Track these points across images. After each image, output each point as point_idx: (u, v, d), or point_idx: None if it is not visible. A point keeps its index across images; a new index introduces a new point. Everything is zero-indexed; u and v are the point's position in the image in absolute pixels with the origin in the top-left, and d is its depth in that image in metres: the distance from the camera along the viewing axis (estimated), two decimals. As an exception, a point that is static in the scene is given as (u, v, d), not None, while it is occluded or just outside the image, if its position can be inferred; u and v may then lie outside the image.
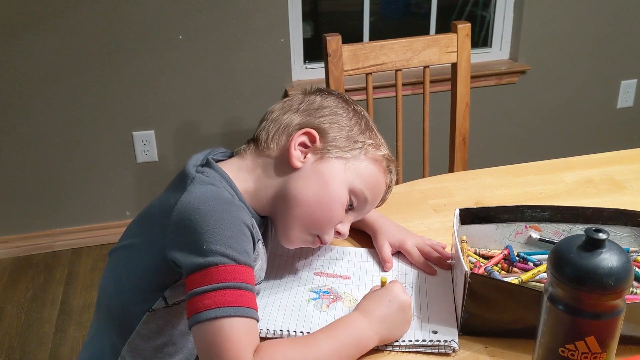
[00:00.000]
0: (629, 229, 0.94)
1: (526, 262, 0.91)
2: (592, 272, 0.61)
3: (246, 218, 0.78)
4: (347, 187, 0.86)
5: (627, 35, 2.70)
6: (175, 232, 0.76)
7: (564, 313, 0.63)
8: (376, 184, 0.90)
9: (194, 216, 0.75)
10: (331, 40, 1.48)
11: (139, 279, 0.82)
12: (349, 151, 0.87)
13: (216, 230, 0.73)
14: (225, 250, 0.72)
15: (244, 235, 0.76)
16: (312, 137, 0.86)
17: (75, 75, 2.21)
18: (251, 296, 0.73)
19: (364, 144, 0.88)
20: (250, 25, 2.27)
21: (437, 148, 2.04)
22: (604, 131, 2.87)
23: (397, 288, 0.81)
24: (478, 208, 0.95)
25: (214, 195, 0.78)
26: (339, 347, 0.74)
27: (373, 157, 0.89)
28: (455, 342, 0.79)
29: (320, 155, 0.86)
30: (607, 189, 1.19)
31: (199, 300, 0.71)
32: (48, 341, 1.93)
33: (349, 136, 0.88)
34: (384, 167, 0.91)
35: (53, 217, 2.39)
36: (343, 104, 0.91)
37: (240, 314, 0.70)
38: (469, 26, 1.59)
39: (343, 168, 0.86)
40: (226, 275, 0.72)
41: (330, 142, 0.87)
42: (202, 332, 0.70)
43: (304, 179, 0.85)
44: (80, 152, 2.31)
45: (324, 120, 0.88)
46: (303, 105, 0.90)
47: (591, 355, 0.64)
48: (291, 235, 0.87)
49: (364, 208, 0.91)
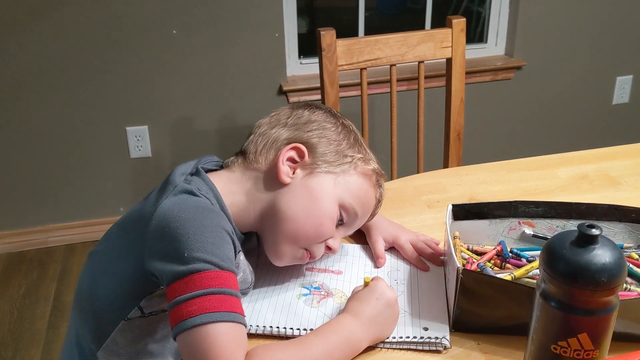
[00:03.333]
0: (623, 225, 0.93)
1: (519, 258, 0.90)
2: (585, 268, 0.60)
3: (227, 226, 0.77)
4: (337, 202, 0.85)
5: (623, 32, 2.70)
6: (155, 241, 0.74)
7: (556, 310, 0.63)
8: (366, 198, 0.89)
9: (173, 224, 0.73)
10: (325, 35, 1.47)
11: (115, 286, 0.81)
12: (338, 166, 0.86)
13: (197, 237, 0.72)
14: (207, 256, 0.71)
15: (225, 242, 0.75)
16: (301, 152, 0.85)
17: (68, 70, 2.19)
18: (236, 301, 0.72)
19: (353, 158, 0.87)
20: (245, 20, 2.25)
21: (431, 144, 2.03)
22: (600, 127, 2.87)
23: (381, 285, 0.80)
24: (471, 204, 0.95)
25: (193, 203, 0.77)
26: (331, 350, 0.73)
27: (363, 171, 0.88)
28: (447, 339, 0.78)
29: (310, 170, 0.85)
30: (601, 185, 1.19)
31: (183, 308, 0.69)
32: (41, 337, 1.92)
33: (338, 150, 0.87)
34: (373, 181, 0.90)
35: (46, 213, 2.37)
36: (331, 118, 0.90)
37: (227, 319, 0.69)
38: (463, 21, 1.58)
39: (333, 183, 0.85)
40: (210, 282, 0.70)
41: (319, 156, 0.86)
42: (189, 339, 0.68)
43: (293, 194, 0.84)
44: (74, 148, 2.30)
45: (313, 134, 0.87)
46: (291, 120, 0.89)
47: (584, 352, 0.63)
48: (280, 251, 0.86)
49: (354, 223, 0.90)
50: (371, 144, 0.98)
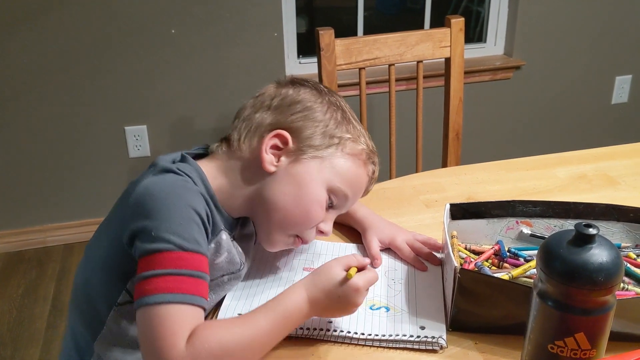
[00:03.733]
0: (621, 224, 0.93)
1: (517, 257, 0.90)
2: (582, 268, 0.60)
3: (199, 205, 0.77)
4: (325, 187, 0.84)
5: (622, 31, 2.70)
6: (131, 217, 0.76)
7: (553, 309, 0.63)
8: (356, 179, 0.87)
9: (147, 201, 0.75)
10: (324, 35, 1.47)
11: (103, 272, 0.82)
12: (324, 149, 0.84)
13: (165, 217, 0.73)
14: (172, 237, 0.72)
15: (193, 222, 0.75)
16: (284, 138, 0.83)
17: (67, 70, 2.19)
18: (198, 283, 0.72)
19: (340, 139, 0.85)
20: (244, 19, 2.25)
21: (430, 143, 2.03)
22: (599, 127, 2.86)
23: (354, 291, 0.76)
24: (469, 203, 0.94)
25: (170, 181, 0.78)
26: (276, 328, 0.74)
27: (351, 152, 0.86)
28: (443, 338, 0.78)
29: (295, 156, 0.84)
30: (600, 185, 1.19)
31: (143, 285, 0.71)
32: (40, 337, 1.92)
33: (324, 132, 0.85)
34: (363, 159, 0.87)
35: (45, 213, 2.37)
36: (318, 96, 0.87)
37: (180, 300, 0.70)
38: (462, 21, 1.58)
39: (319, 167, 0.84)
40: (170, 262, 0.72)
41: (304, 141, 0.84)
42: (141, 317, 0.71)
43: (280, 182, 0.83)
44: (73, 147, 2.30)
45: (297, 117, 0.85)
46: (275, 101, 0.86)
47: (581, 351, 0.63)
48: (273, 239, 0.86)
49: (345, 204, 0.89)
50: (370, 143, 0.97)
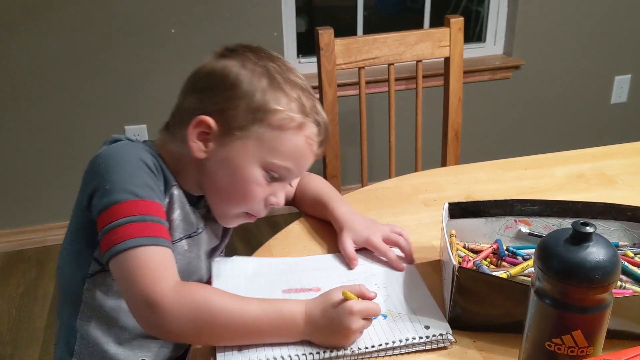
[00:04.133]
0: (619, 223, 0.93)
1: (515, 256, 0.90)
2: (579, 266, 0.61)
3: (148, 159, 0.81)
4: (258, 166, 0.84)
5: (621, 31, 2.70)
6: (85, 180, 0.81)
7: (550, 307, 0.63)
8: (292, 150, 0.84)
9: (98, 163, 0.79)
10: (323, 34, 1.48)
11: (71, 242, 0.86)
12: (250, 127, 0.82)
13: (116, 171, 0.77)
14: (126, 186, 0.75)
15: (143, 172, 0.79)
16: (207, 124, 0.82)
17: (67, 69, 2.19)
18: (159, 227, 0.76)
19: (265, 113, 0.82)
20: (244, 19, 2.25)
21: (429, 143, 2.03)
22: (598, 126, 2.87)
23: (347, 313, 0.74)
24: (467, 202, 0.95)
25: (119, 145, 0.82)
26: (264, 323, 0.74)
27: (279, 123, 0.82)
28: (450, 333, 0.78)
29: (222, 140, 0.83)
30: (598, 184, 1.19)
31: (109, 236, 0.74)
32: (39, 336, 1.93)
33: (247, 109, 0.82)
34: (297, 124, 0.83)
35: (45, 212, 2.37)
36: (242, 67, 0.83)
37: (151, 242, 0.73)
38: (461, 20, 1.58)
39: (248, 147, 0.82)
40: (129, 210, 0.74)
41: (229, 123, 0.82)
42: (117, 265, 0.73)
43: (214, 167, 0.84)
44: (72, 146, 2.30)
45: (220, 99, 0.82)
46: (202, 82, 0.85)
47: (578, 349, 0.63)
48: (222, 217, 0.90)
49: (292, 173, 0.87)
50: (369, 142, 0.97)
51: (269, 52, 0.88)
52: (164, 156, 0.87)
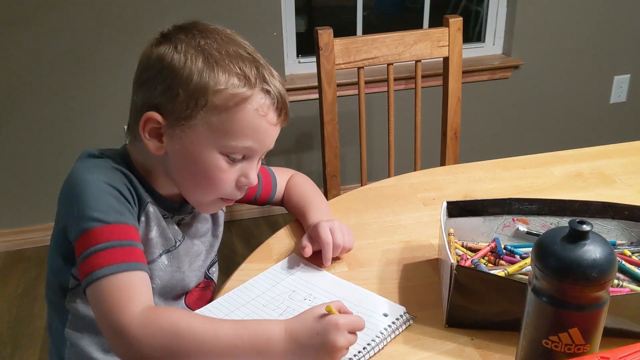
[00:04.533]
0: (616, 222, 0.94)
1: (513, 254, 0.91)
2: (576, 264, 0.61)
3: (116, 181, 0.80)
4: (216, 151, 0.80)
5: (621, 31, 2.70)
6: (59, 201, 0.81)
7: (547, 305, 0.63)
8: (245, 126, 0.79)
9: (67, 188, 0.80)
10: (323, 34, 1.48)
11: (52, 257, 0.86)
12: (195, 115, 0.78)
13: (82, 198, 0.76)
14: (92, 214, 0.75)
15: (110, 195, 0.78)
16: (155, 119, 0.80)
17: (66, 69, 2.19)
18: (129, 251, 0.75)
19: (206, 97, 0.78)
20: (243, 19, 2.26)
21: (428, 143, 2.04)
22: (597, 126, 2.87)
23: (333, 327, 0.72)
24: (466, 201, 0.95)
25: (88, 164, 0.82)
26: (238, 346, 0.71)
27: (223, 103, 0.78)
28: (406, 311, 0.82)
29: (173, 133, 0.80)
30: (596, 183, 1.20)
31: (82, 266, 0.74)
32: (39, 336, 1.93)
33: (188, 95, 0.78)
34: (239, 102, 0.78)
35: (45, 212, 2.38)
36: (175, 50, 0.80)
37: (119, 269, 0.73)
38: (460, 20, 1.59)
39: (199, 135, 0.79)
40: (98, 237, 0.74)
41: (173, 114, 0.79)
42: (90, 294, 0.74)
43: (173, 161, 0.83)
44: (73, 146, 2.30)
45: (161, 90, 0.79)
46: (143, 75, 0.82)
47: (575, 347, 0.64)
48: (199, 205, 0.88)
49: (256, 152, 0.83)
50: (368, 142, 0.98)
51: (204, 26, 0.83)
52: (134, 160, 0.86)
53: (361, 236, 1.02)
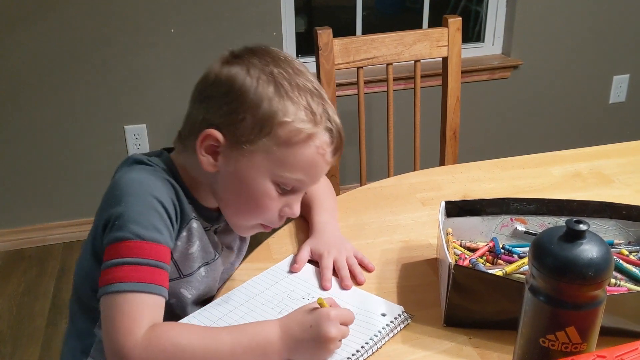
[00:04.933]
0: (614, 221, 0.94)
1: (511, 254, 0.91)
2: (572, 263, 0.61)
3: (163, 195, 0.79)
4: (269, 179, 0.81)
5: (620, 30, 2.71)
6: (102, 203, 0.80)
7: (544, 304, 0.64)
8: (303, 162, 0.81)
9: (114, 191, 0.78)
10: (322, 34, 1.48)
11: (86, 258, 0.85)
12: (258, 141, 0.79)
13: (126, 206, 0.76)
14: (131, 226, 0.74)
15: (154, 211, 0.77)
16: (215, 138, 0.80)
17: (66, 69, 2.20)
18: (155, 272, 0.74)
19: (272, 126, 0.78)
20: (243, 19, 2.26)
21: (428, 142, 2.04)
22: (596, 126, 2.88)
23: (325, 318, 0.74)
24: (464, 201, 0.96)
25: (137, 172, 0.81)
26: (239, 352, 0.72)
27: (287, 136, 0.79)
28: (406, 312, 0.83)
29: (230, 153, 0.80)
30: (594, 183, 1.20)
31: (105, 274, 0.74)
32: (40, 335, 1.93)
33: (255, 121, 0.78)
34: (303, 139, 0.79)
35: (45, 211, 2.38)
36: (247, 73, 0.79)
37: (138, 289, 0.72)
38: (459, 20, 1.59)
39: (257, 161, 0.80)
40: (129, 251, 0.74)
41: (236, 137, 0.79)
42: (103, 304, 0.73)
43: (225, 180, 0.82)
44: (73, 146, 2.31)
45: (226, 110, 0.79)
46: (209, 90, 0.82)
47: (571, 345, 0.64)
48: (235, 226, 0.88)
49: (305, 184, 0.84)
50: (368, 142, 0.98)
51: (276, 54, 0.83)
52: (180, 170, 0.85)
53: (360, 236, 1.03)
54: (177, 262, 0.84)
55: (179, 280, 0.85)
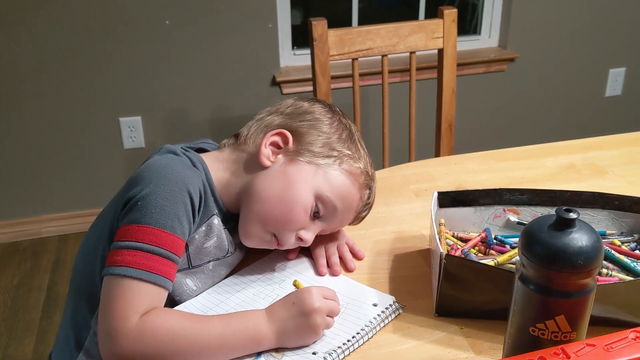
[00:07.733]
0: (607, 212, 0.94)
1: (503, 244, 0.91)
2: (562, 251, 0.61)
3: (194, 186, 0.79)
4: (313, 192, 0.84)
5: (616, 23, 2.70)
6: (127, 184, 0.80)
7: (534, 292, 0.64)
8: (347, 194, 0.86)
9: (145, 172, 0.79)
10: (317, 25, 1.48)
11: (94, 241, 0.84)
12: (323, 158, 0.85)
13: (155, 188, 0.76)
14: (153, 211, 0.74)
15: (180, 201, 0.77)
16: (285, 138, 0.86)
17: (61, 62, 2.19)
18: (165, 263, 0.74)
19: (340, 154, 0.86)
20: (238, 10, 2.25)
21: (423, 135, 2.04)
22: (592, 119, 2.88)
23: (304, 292, 0.77)
24: (457, 191, 0.95)
25: (172, 158, 0.82)
26: (229, 336, 0.73)
27: (348, 169, 0.86)
28: (397, 302, 0.83)
29: (292, 157, 0.86)
30: (588, 174, 1.20)
31: (114, 253, 0.74)
32: (34, 327, 1.93)
33: (325, 143, 0.86)
34: (360, 181, 0.87)
35: (40, 204, 2.38)
36: (329, 113, 0.90)
37: (144, 278, 0.72)
38: (455, 12, 1.58)
39: (312, 173, 0.84)
40: (144, 237, 0.74)
41: (305, 145, 0.86)
42: (106, 283, 0.73)
43: (271, 177, 0.85)
44: (67, 138, 2.30)
45: (304, 124, 0.88)
46: (289, 109, 0.90)
47: (561, 334, 0.64)
48: (249, 230, 0.86)
49: (334, 218, 0.87)
50: (363, 134, 0.98)
51: (342, 112, 0.93)
52: (215, 171, 0.86)
53: (353, 227, 1.02)
54: (190, 254, 0.84)
55: (186, 271, 0.85)
